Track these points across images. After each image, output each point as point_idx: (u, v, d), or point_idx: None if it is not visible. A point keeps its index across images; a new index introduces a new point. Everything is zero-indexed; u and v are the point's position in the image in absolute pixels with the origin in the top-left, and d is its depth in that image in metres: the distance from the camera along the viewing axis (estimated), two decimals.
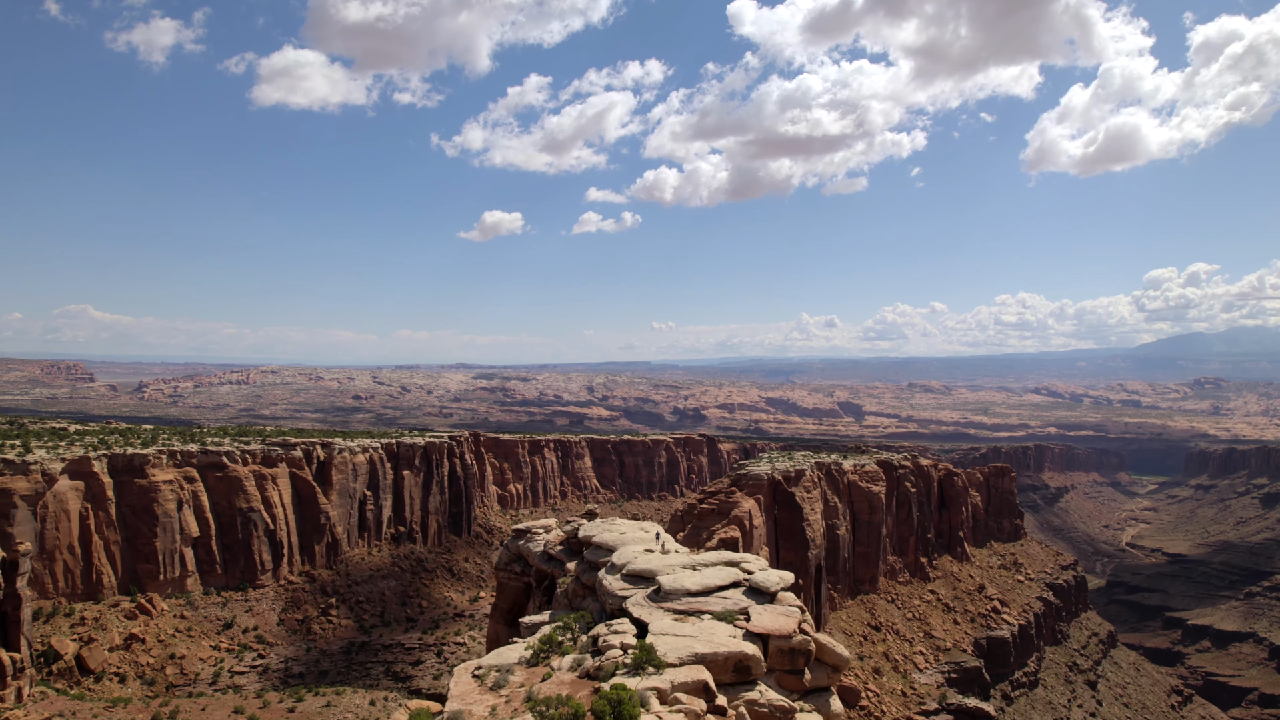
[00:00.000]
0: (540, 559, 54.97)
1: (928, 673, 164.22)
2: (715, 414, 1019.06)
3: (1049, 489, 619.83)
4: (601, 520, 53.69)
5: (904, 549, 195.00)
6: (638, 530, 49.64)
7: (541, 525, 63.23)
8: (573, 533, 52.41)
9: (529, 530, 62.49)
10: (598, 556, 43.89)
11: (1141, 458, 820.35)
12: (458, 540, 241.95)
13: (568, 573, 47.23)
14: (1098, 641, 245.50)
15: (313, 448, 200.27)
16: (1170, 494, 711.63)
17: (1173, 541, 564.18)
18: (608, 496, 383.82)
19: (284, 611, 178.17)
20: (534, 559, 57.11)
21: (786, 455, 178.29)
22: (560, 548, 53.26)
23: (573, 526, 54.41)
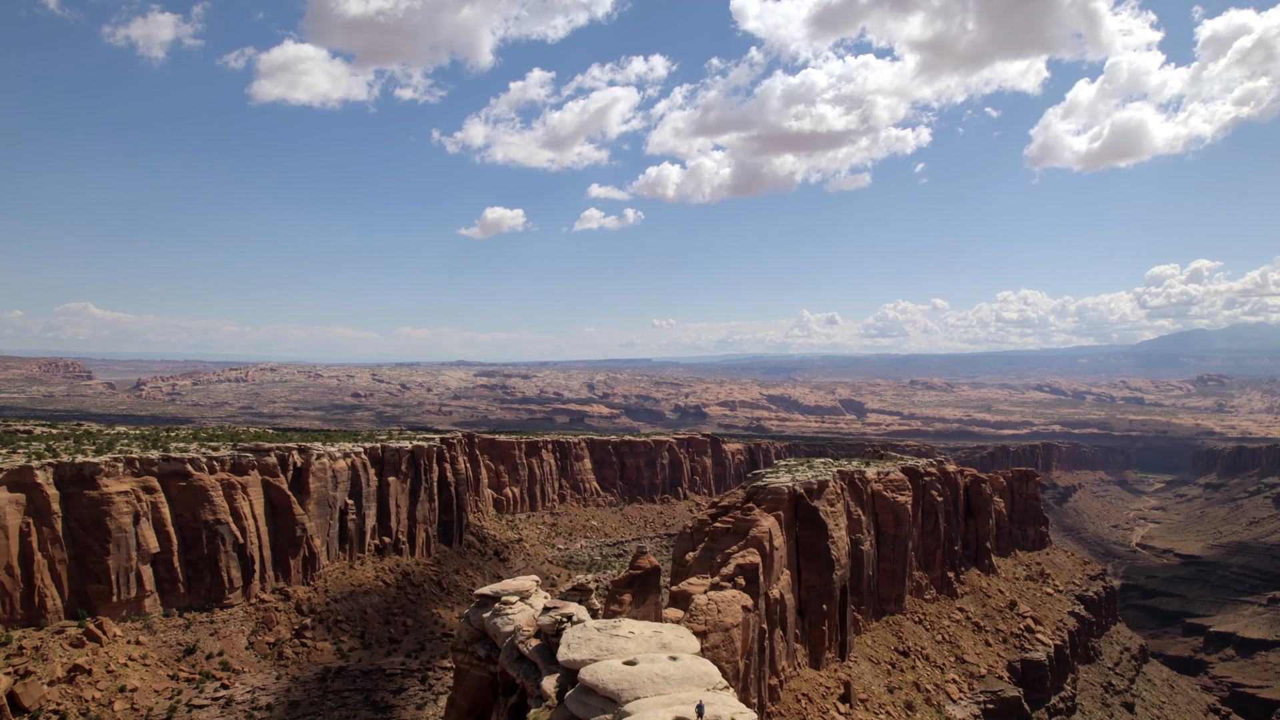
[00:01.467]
0: (509, 655, 37.21)
1: (962, 704, 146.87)
2: (716, 411, 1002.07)
3: (1058, 488, 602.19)
4: (596, 626, 35.26)
5: (930, 563, 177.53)
6: (658, 652, 31.74)
7: (515, 590, 45.55)
8: (554, 628, 34.56)
9: (498, 599, 44.66)
10: (589, 714, 26.09)
11: (1147, 455, 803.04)
12: (448, 551, 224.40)
13: (543, 698, 29.54)
14: (1130, 657, 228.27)
15: (288, 453, 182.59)
16: (1178, 493, 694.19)
17: (1184, 542, 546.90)
18: (608, 499, 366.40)
19: (254, 634, 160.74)
20: (502, 647, 39.33)
21: (805, 464, 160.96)
22: (537, 642, 35.50)
23: (553, 619, 36.46)
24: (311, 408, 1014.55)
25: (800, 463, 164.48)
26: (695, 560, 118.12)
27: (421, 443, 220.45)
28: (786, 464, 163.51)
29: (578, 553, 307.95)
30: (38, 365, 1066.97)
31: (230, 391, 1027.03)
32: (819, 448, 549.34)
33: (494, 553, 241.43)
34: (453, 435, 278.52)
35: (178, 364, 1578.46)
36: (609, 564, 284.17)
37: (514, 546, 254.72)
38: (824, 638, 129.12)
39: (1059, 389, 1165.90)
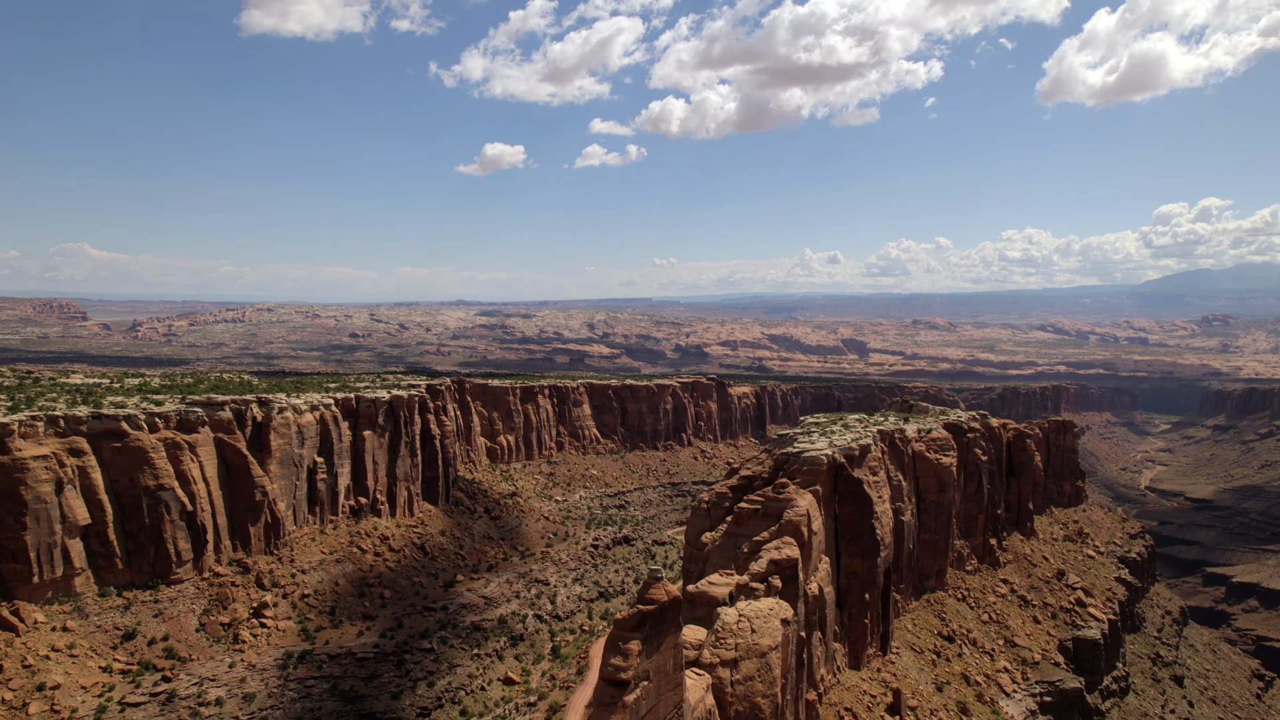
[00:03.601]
0: None
1: (1018, 698, 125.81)
2: (718, 351, 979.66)
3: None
4: None
5: (971, 530, 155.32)
6: None
7: None
8: None
9: None
10: None
11: (1153, 396, 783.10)
12: (433, 511, 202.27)
13: None
14: (1171, 621, 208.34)
15: (245, 407, 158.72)
16: (1186, 434, 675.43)
17: (1194, 485, 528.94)
18: (608, 447, 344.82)
19: (206, 614, 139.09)
20: None
21: (837, 421, 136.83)
22: None
23: None
24: (309, 348, 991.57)
25: (831, 420, 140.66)
26: (715, 548, 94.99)
27: (401, 393, 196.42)
28: (816, 421, 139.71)
29: (576, 504, 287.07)
30: (32, 306, 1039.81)
31: (227, 332, 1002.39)
32: (824, 389, 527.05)
33: (485, 510, 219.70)
34: (440, 382, 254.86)
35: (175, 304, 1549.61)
36: (610, 518, 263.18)
37: (508, 502, 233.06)
38: (865, 632, 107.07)
39: (1062, 329, 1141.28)
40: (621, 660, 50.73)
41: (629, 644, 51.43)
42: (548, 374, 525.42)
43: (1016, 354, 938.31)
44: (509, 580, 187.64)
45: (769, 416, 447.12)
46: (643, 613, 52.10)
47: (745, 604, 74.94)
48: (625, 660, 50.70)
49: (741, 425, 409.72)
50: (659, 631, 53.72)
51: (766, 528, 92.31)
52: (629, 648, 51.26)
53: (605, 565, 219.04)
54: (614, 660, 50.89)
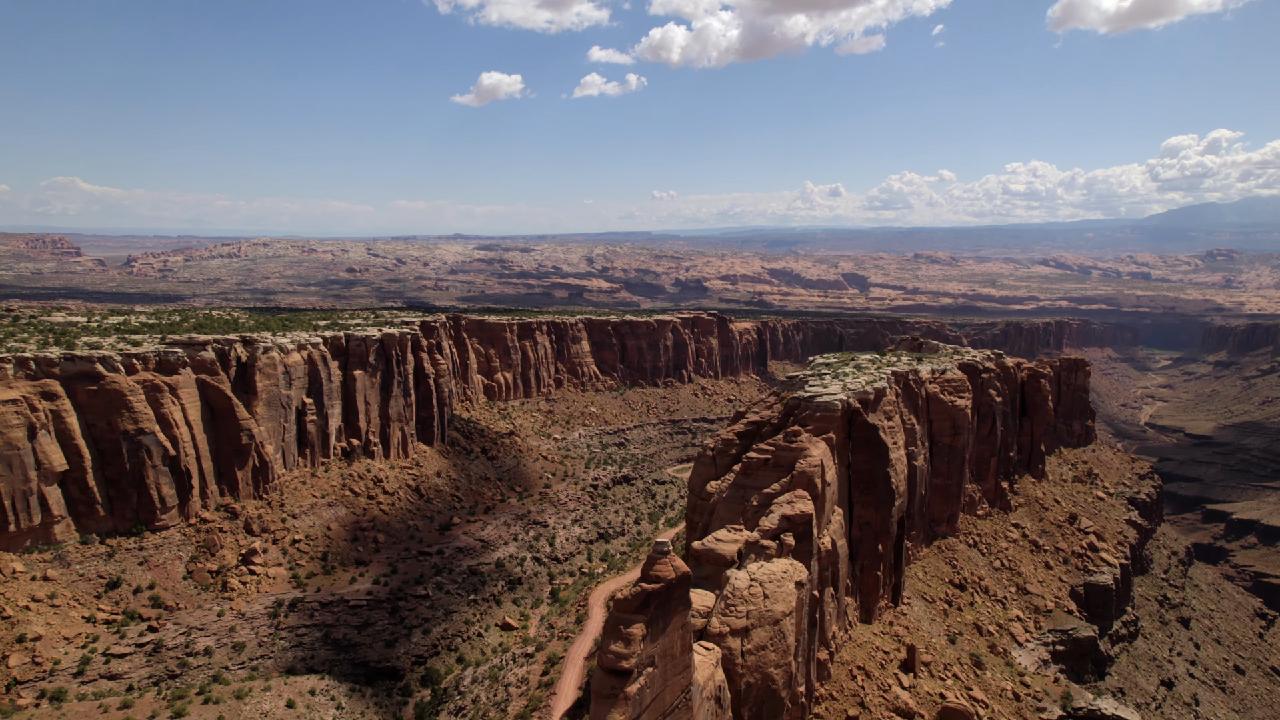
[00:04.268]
0: None
1: (1030, 647, 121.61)
2: (717, 285, 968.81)
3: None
4: None
5: (983, 473, 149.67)
6: None
7: None
8: None
9: None
10: None
11: (1155, 332, 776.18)
12: (428, 451, 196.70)
13: None
14: (1178, 562, 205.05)
15: (229, 347, 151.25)
16: (1186, 370, 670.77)
17: (1194, 421, 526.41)
18: (608, 384, 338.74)
19: (193, 561, 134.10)
20: None
21: (848, 362, 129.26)
22: None
23: None
24: (306, 283, 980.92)
25: (843, 360, 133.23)
26: (722, 500, 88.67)
27: (393, 330, 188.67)
28: (826, 362, 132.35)
29: (575, 443, 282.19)
30: (24, 241, 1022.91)
31: (223, 268, 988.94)
32: (826, 325, 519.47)
33: (481, 451, 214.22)
34: (435, 319, 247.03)
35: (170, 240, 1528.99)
36: (609, 457, 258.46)
37: (505, 441, 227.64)
38: (877, 584, 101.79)
39: (1064, 263, 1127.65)
40: (623, 647, 44.35)
41: (631, 627, 44.98)
42: (546, 309, 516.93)
43: (1018, 289, 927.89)
44: (506, 522, 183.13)
45: (770, 352, 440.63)
46: (647, 592, 45.52)
47: (757, 566, 68.75)
48: (628, 647, 44.33)
49: (743, 361, 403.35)
50: (666, 612, 47.28)
51: (777, 479, 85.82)
52: (631, 632, 44.82)
53: (605, 506, 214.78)
54: (614, 646, 44.52)
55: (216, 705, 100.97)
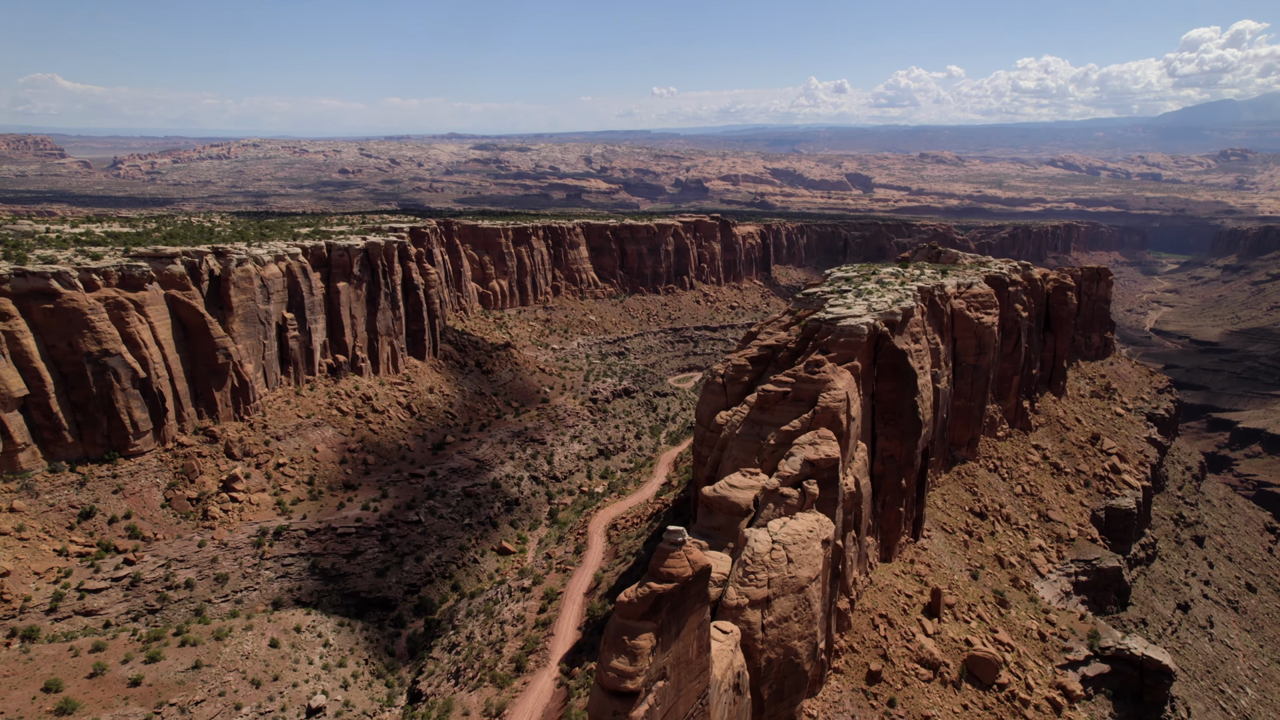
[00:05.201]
0: None
1: (1053, 578, 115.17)
2: (718, 185, 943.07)
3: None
4: None
5: (1004, 392, 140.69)
6: None
7: None
8: None
9: None
10: None
11: (1164, 235, 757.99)
12: (420, 366, 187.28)
13: None
14: (1191, 477, 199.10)
15: (199, 259, 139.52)
16: (1193, 275, 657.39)
17: (1200, 327, 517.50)
18: (607, 291, 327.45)
19: (171, 488, 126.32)
20: None
21: (869, 276, 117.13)
22: None
23: None
24: (299, 185, 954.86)
25: (863, 274, 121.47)
26: (735, 437, 79.36)
27: (378, 239, 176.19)
28: (845, 276, 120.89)
29: (574, 353, 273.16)
30: (5, 142, 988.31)
31: (213, 169, 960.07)
32: (830, 228, 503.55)
33: (476, 364, 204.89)
34: (425, 225, 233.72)
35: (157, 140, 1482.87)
36: (609, 368, 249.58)
37: (501, 354, 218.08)
38: (899, 521, 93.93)
39: (1073, 164, 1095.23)
40: (627, 663, 35.50)
41: (638, 638, 36.01)
42: (544, 211, 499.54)
43: (1025, 190, 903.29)
44: (502, 440, 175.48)
45: (773, 257, 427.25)
46: (658, 594, 36.38)
47: (779, 524, 59.85)
48: (633, 663, 35.48)
49: (746, 267, 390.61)
50: (680, 613, 38.31)
51: (797, 414, 76.35)
52: (638, 644, 35.88)
53: (605, 420, 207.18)
54: (616, 662, 35.67)
55: (194, 648, 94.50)
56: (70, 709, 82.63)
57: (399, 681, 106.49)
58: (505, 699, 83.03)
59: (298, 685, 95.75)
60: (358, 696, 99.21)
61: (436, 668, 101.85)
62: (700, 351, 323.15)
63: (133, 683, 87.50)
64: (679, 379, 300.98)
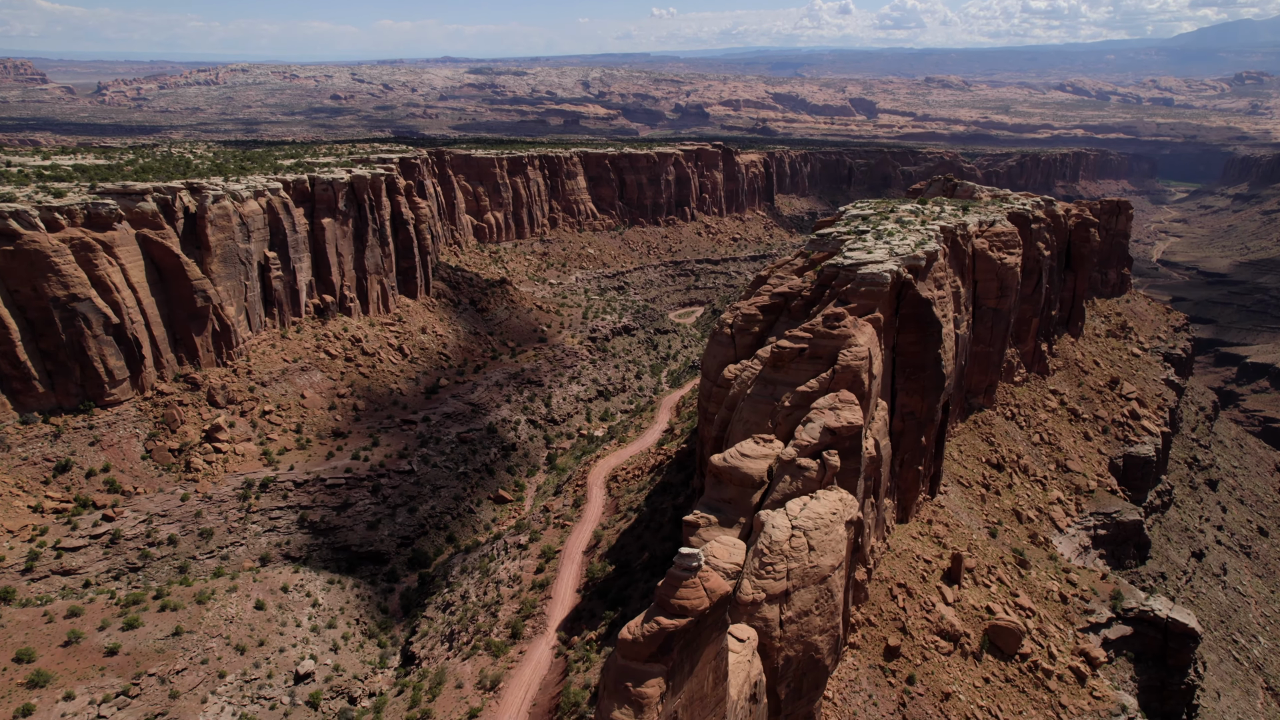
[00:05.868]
0: None
1: (1071, 532, 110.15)
2: (719, 111, 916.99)
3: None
4: None
5: (1023, 335, 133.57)
6: None
7: None
8: None
9: None
10: None
11: (1174, 163, 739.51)
12: (412, 305, 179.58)
13: None
14: (1205, 417, 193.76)
15: (172, 196, 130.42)
16: (1203, 204, 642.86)
17: (1208, 258, 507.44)
18: (605, 223, 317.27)
19: (151, 439, 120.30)
20: None
21: (886, 213, 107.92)
22: None
23: None
24: (290, 112, 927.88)
25: (879, 211, 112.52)
26: (746, 397, 72.52)
27: (363, 172, 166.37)
28: (861, 214, 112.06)
29: (572, 288, 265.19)
30: None
31: (201, 96, 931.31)
32: (834, 155, 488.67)
33: (470, 303, 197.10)
34: (416, 155, 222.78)
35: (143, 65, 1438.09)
36: (608, 304, 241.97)
37: (496, 291, 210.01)
38: (917, 480, 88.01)
39: (1082, 89, 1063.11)
40: (631, 714, 29.31)
41: (645, 685, 29.80)
42: (540, 139, 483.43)
43: (1032, 116, 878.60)
44: (498, 382, 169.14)
45: (776, 186, 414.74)
46: (668, 633, 30.02)
47: (798, 505, 53.52)
48: (639, 714, 29.28)
49: (749, 197, 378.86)
50: (694, 649, 32.05)
51: (814, 373, 69.37)
52: (644, 692, 29.67)
53: (604, 360, 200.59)
54: (619, 714, 29.47)
55: (175, 613, 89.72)
56: (43, 681, 78.10)
57: (391, 641, 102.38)
58: (500, 670, 78.39)
59: (285, 650, 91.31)
60: (348, 660, 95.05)
61: (430, 628, 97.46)
62: (702, 285, 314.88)
63: (109, 651, 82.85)
64: (680, 314, 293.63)
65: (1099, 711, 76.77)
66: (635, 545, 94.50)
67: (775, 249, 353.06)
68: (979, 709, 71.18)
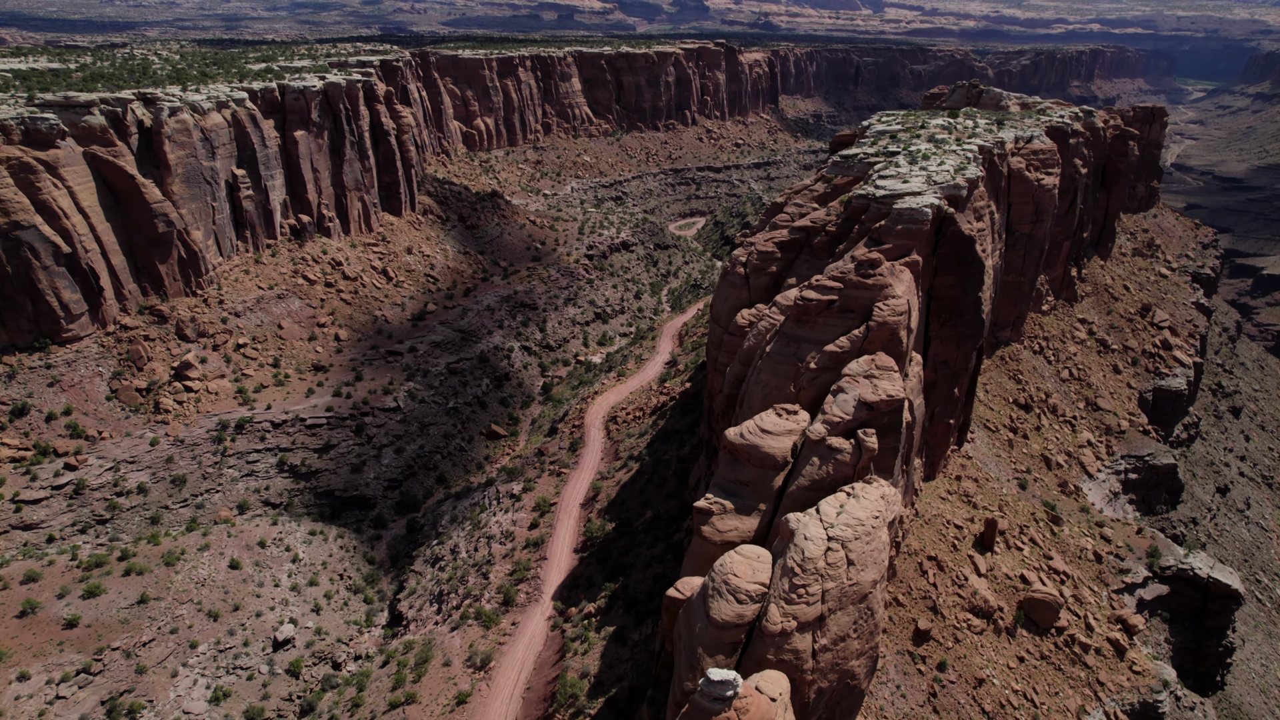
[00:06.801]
0: None
1: (1101, 478, 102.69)
2: (720, 4, 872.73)
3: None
4: None
5: (1053, 260, 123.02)
6: None
7: None
8: None
9: None
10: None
11: (1192, 59, 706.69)
12: (397, 223, 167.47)
13: None
14: (1228, 339, 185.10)
15: (123, 108, 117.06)
16: (1220, 104, 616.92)
17: (1224, 162, 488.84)
18: (602, 128, 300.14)
19: (116, 378, 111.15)
20: None
21: (918, 132, 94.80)
22: None
23: None
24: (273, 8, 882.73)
25: (908, 128, 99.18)
26: (765, 357, 62.94)
27: (338, 79, 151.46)
28: (888, 130, 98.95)
29: (568, 199, 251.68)
30: None
31: None
32: (841, 54, 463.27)
33: (460, 219, 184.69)
34: (398, 58, 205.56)
35: None
36: (606, 218, 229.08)
37: (487, 205, 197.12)
38: (948, 434, 79.59)
39: None
40: None
41: None
42: (532, 36, 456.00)
43: (1046, 9, 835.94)
44: (490, 306, 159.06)
45: (781, 86, 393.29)
46: None
47: (834, 507, 44.81)
48: None
49: (752, 99, 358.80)
50: None
51: (845, 329, 59.71)
52: None
53: (602, 279, 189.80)
54: None
55: (140, 577, 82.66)
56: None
57: (379, 596, 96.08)
58: (491, 645, 71.72)
59: (262, 614, 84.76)
60: (331, 621, 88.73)
61: (419, 585, 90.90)
62: (703, 195, 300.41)
63: (69, 623, 76.01)
64: (680, 225, 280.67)
65: (1139, 688, 70.64)
66: (637, 501, 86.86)
67: (780, 155, 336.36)
68: (1013, 694, 64.79)
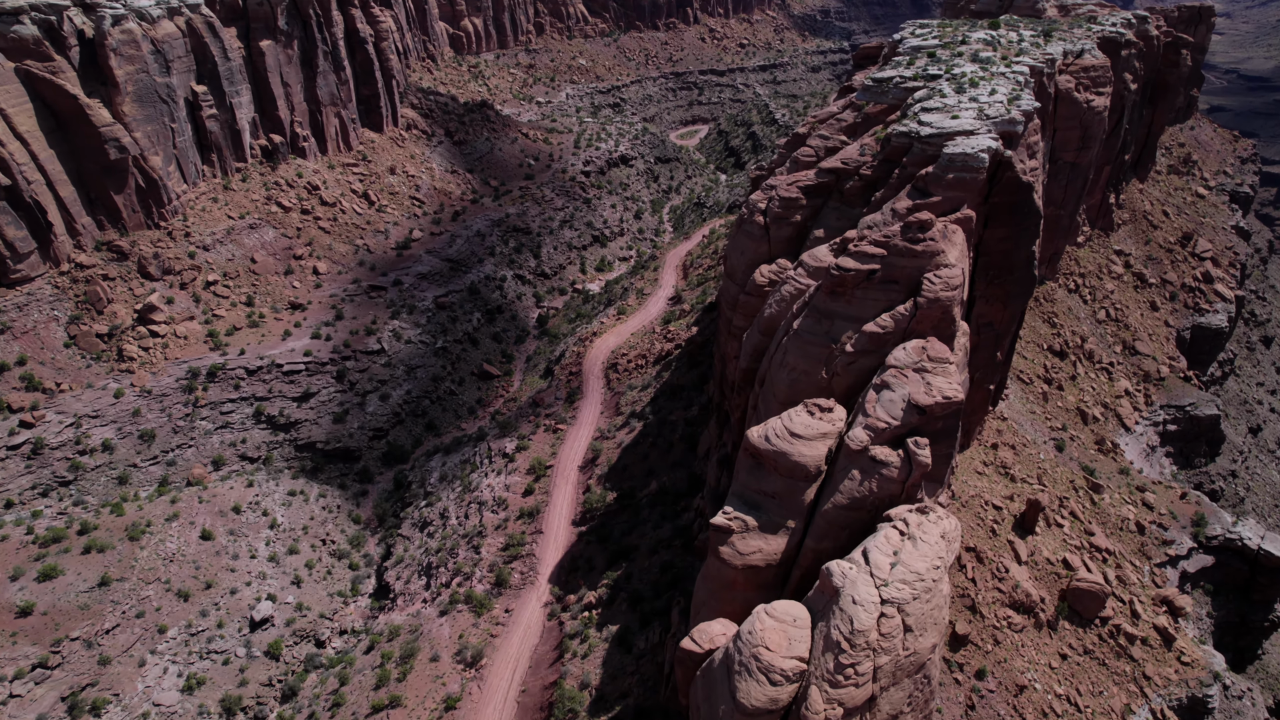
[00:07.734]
0: None
1: (1139, 430, 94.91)
2: None
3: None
4: None
5: (1092, 187, 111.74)
6: None
7: None
8: None
9: None
10: None
11: None
12: (377, 140, 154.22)
13: None
14: (1259, 260, 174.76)
15: (58, 16, 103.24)
16: None
17: (1251, 59, 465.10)
18: (599, 28, 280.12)
19: (74, 322, 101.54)
20: None
21: (958, 48, 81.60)
22: None
23: None
24: None
25: (945, 40, 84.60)
26: (792, 336, 53.50)
27: None
28: (924, 44, 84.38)
29: (562, 107, 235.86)
30: None
31: None
32: None
33: (447, 133, 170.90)
34: None
35: None
36: (603, 129, 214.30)
37: (476, 117, 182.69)
38: (986, 400, 71.25)
39: None
40: None
41: None
42: None
43: None
44: (480, 232, 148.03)
45: None
46: None
47: (886, 555, 36.60)
48: None
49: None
50: None
51: (888, 304, 50.29)
52: None
53: (600, 198, 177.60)
54: None
55: (102, 555, 75.66)
56: None
57: (365, 560, 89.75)
58: (483, 637, 65.30)
59: (237, 591, 78.34)
60: (314, 594, 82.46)
61: (406, 553, 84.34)
62: (705, 100, 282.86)
63: (23, 611, 69.39)
64: (682, 134, 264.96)
65: (1187, 680, 64.67)
66: (640, 468, 79.19)
67: (787, 57, 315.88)
68: (1056, 698, 58.60)
